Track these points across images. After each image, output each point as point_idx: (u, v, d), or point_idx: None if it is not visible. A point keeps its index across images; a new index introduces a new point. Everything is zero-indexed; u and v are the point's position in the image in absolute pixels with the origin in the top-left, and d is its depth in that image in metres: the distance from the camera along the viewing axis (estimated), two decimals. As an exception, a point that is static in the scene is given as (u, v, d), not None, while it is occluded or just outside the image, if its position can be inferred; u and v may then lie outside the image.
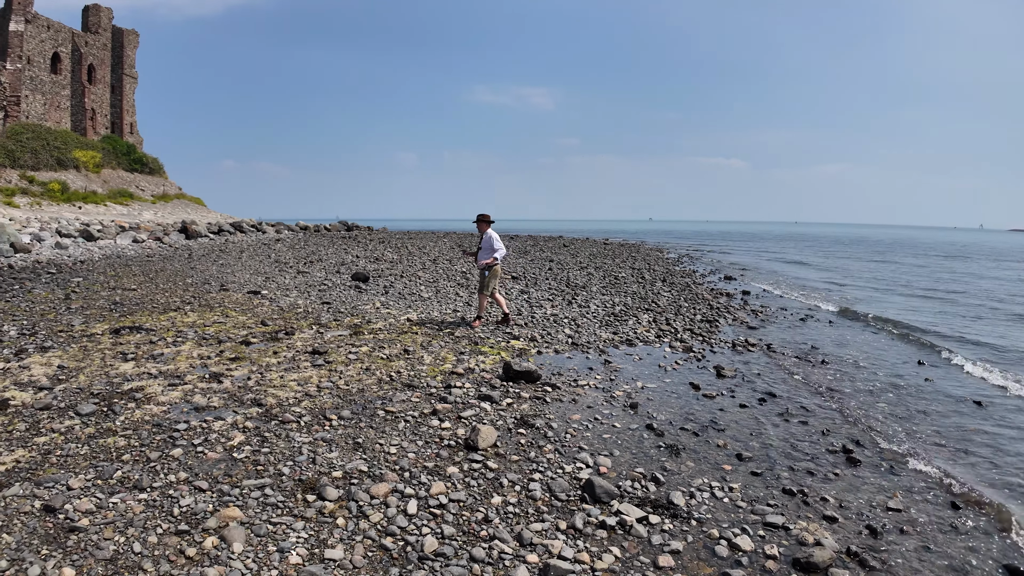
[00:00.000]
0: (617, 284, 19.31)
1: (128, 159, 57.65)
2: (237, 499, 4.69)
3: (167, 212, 51.34)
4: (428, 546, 4.11)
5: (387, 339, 10.22)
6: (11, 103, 48.20)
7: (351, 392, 7.37)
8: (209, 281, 17.97)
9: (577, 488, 5.04)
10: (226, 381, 7.70)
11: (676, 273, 24.02)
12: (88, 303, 13.39)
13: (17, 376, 7.72)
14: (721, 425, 6.80)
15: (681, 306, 15.00)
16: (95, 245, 27.94)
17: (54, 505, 4.45)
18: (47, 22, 52.69)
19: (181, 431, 5.96)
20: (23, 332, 10.20)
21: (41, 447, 5.56)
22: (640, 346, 10.60)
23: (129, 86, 61.85)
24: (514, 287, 17.75)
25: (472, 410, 6.76)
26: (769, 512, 4.80)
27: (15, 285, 15.93)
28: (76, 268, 20.46)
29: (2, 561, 3.79)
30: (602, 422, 6.67)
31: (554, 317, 12.82)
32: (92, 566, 3.81)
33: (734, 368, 9.26)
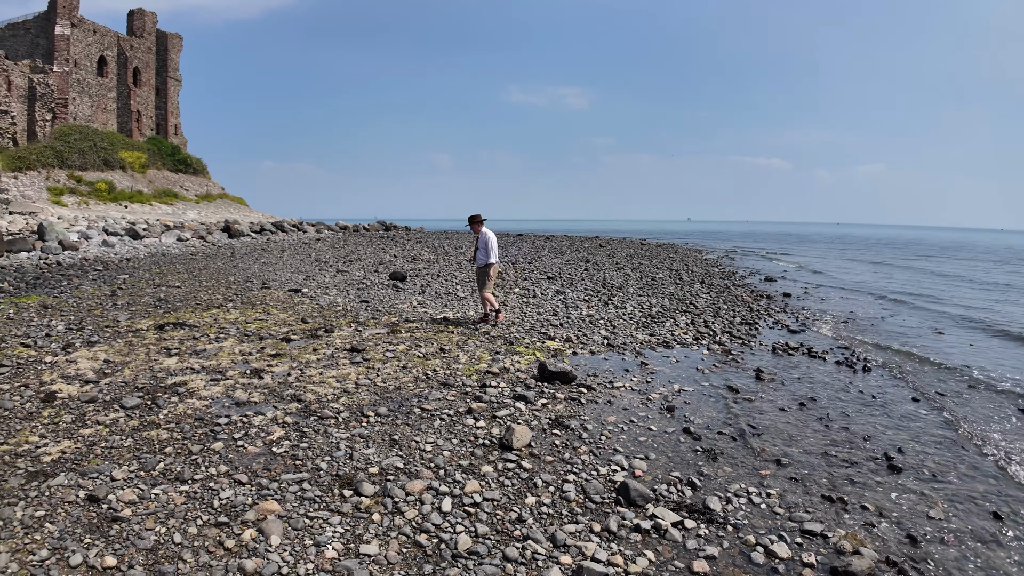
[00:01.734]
0: (654, 285, 19.16)
1: (173, 160, 59.06)
2: (275, 493, 4.78)
3: (210, 211, 52.45)
4: (462, 544, 4.14)
5: (423, 338, 10.31)
6: (59, 105, 49.73)
7: (388, 389, 7.45)
8: (251, 279, 18.32)
9: (612, 491, 5.02)
10: (267, 377, 7.85)
11: (715, 274, 23.73)
12: (134, 299, 13.76)
13: (64, 369, 7.97)
14: (759, 429, 6.71)
15: (720, 308, 14.82)
16: (141, 243, 28.68)
17: (98, 495, 4.59)
18: (93, 26, 54.26)
19: (222, 425, 6.10)
20: (71, 327, 10.53)
21: (86, 439, 5.74)
22: (677, 348, 10.51)
23: (173, 88, 63.35)
24: (549, 287, 17.73)
25: (507, 410, 6.78)
26: (807, 519, 4.72)
27: (63, 281, 16.47)
28: (122, 265, 21.04)
29: (44, 550, 3.92)
30: (638, 425, 6.64)
31: (590, 318, 12.78)
32: (133, 555, 3.93)
33: (774, 372, 9.12)
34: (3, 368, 7.92)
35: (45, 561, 3.82)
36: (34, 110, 47.00)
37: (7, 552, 3.87)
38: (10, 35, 52.86)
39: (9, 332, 10.00)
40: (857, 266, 35.38)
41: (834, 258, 43.17)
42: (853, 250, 55.49)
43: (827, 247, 61.35)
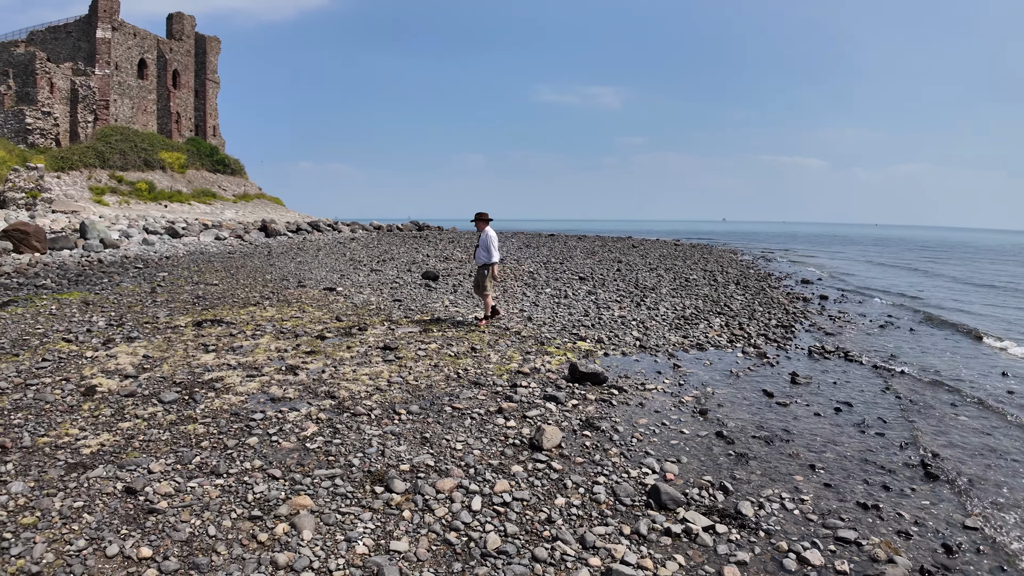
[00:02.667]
0: (688, 286, 18.98)
1: (211, 160, 60.20)
2: (308, 488, 4.84)
3: (248, 211, 53.32)
4: (491, 543, 4.14)
5: (455, 337, 10.35)
6: (100, 107, 51.04)
7: (420, 388, 7.50)
8: (287, 278, 18.57)
9: (642, 493, 4.99)
10: (301, 374, 7.95)
11: (750, 276, 23.42)
12: (172, 297, 14.04)
13: (104, 364, 8.17)
14: (794, 434, 6.61)
15: (755, 310, 14.63)
16: (180, 242, 29.26)
17: (135, 487, 4.69)
18: (133, 30, 55.58)
19: (257, 420, 6.20)
20: (111, 323, 10.79)
21: (125, 432, 5.87)
22: (711, 351, 10.39)
23: (211, 90, 64.57)
24: (581, 288, 17.68)
25: (537, 410, 6.77)
26: (841, 526, 4.64)
27: (104, 279, 16.88)
28: (162, 263, 21.49)
29: (81, 540, 4.02)
30: (670, 427, 6.58)
31: (622, 319, 12.71)
32: (168, 547, 4.00)
33: (809, 375, 8.98)
34: (45, 362, 8.14)
35: (82, 551, 3.92)
36: (76, 111, 48.30)
37: (44, 542, 3.98)
38: (52, 38, 54.39)
39: (51, 327, 10.28)
40: (895, 270, 34.63)
41: (872, 261, 42.32)
42: (892, 252, 54.34)
43: (865, 249, 60.15)
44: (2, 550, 3.88)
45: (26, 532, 4.09)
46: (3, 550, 3.88)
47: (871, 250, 58.72)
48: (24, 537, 4.02)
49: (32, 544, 3.95)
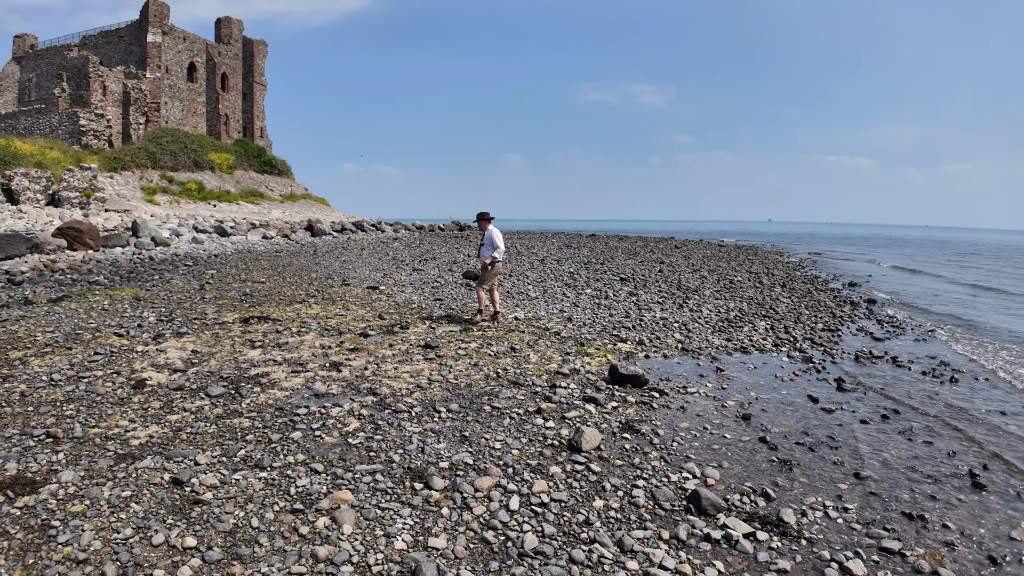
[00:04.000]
0: (732, 288, 18.69)
1: (258, 161, 61.46)
2: (349, 483, 4.90)
3: (294, 211, 54.27)
4: (528, 543, 4.13)
5: (494, 336, 10.37)
6: (152, 109, 52.55)
7: (459, 386, 7.53)
8: (332, 276, 18.85)
9: (682, 498, 4.92)
10: (345, 370, 8.05)
11: (796, 278, 22.94)
12: (221, 294, 14.36)
13: (154, 358, 8.39)
14: (839, 441, 6.45)
15: (801, 313, 14.33)
16: (228, 240, 29.92)
17: (182, 478, 4.81)
18: (183, 34, 57.09)
19: (301, 415, 6.30)
20: (161, 318, 11.08)
21: (173, 424, 6.02)
22: (755, 354, 10.22)
23: (259, 93, 65.92)
24: (622, 289, 17.55)
25: (576, 411, 6.74)
26: (885, 536, 4.51)
27: (155, 275, 17.36)
28: (210, 261, 22.00)
29: (128, 528, 4.13)
30: (712, 432, 6.48)
31: (663, 321, 12.58)
32: (212, 537, 4.09)
33: (856, 381, 8.75)
34: (97, 356, 8.39)
35: (129, 539, 4.03)
36: (128, 114, 49.81)
37: (92, 530, 4.10)
38: (104, 43, 56.21)
39: (103, 322, 10.60)
40: (948, 272, 33.57)
41: (923, 263, 41.11)
42: (944, 255, 52.69)
43: (916, 251, 58.44)
44: (50, 537, 4.01)
45: (75, 520, 4.22)
46: (51, 537, 4.01)
47: (921, 252, 57.02)
48: (72, 525, 4.15)
49: (80, 532, 4.07)
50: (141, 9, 54.60)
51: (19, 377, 7.41)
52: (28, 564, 3.74)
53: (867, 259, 43.44)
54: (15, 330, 9.85)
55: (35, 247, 20.83)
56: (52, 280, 16.18)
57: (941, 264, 41.04)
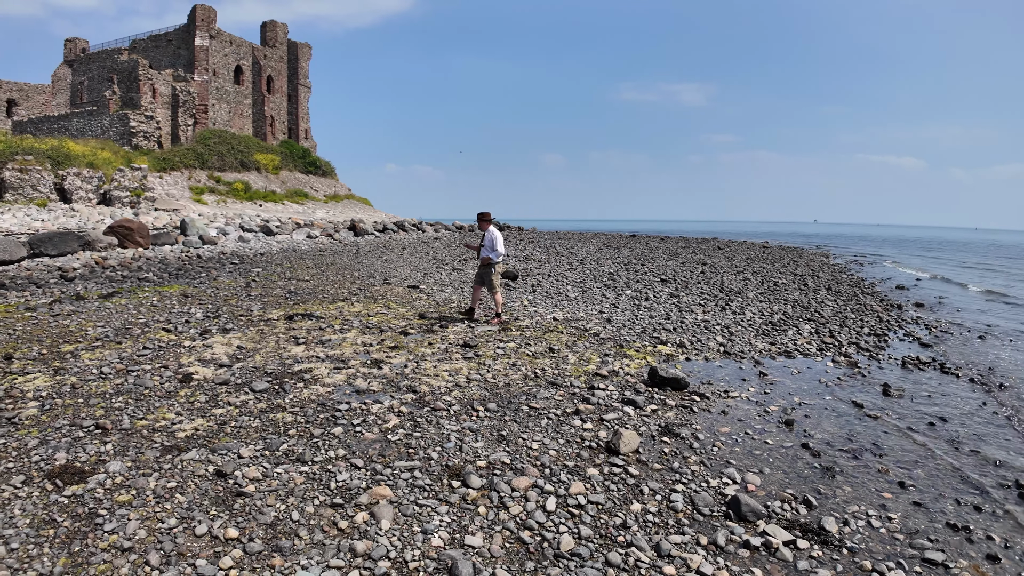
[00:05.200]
0: (776, 291, 18.35)
1: (303, 162, 62.48)
2: (388, 479, 4.95)
3: (338, 211, 55.03)
4: (564, 544, 4.12)
5: (533, 336, 10.36)
6: (200, 111, 53.84)
7: (497, 386, 7.54)
8: (374, 275, 19.06)
9: (722, 504, 4.85)
10: (385, 367, 8.14)
11: (843, 281, 22.42)
12: (266, 291, 14.63)
13: (201, 354, 8.58)
14: (884, 449, 6.28)
15: (847, 317, 14.00)
16: (273, 239, 30.46)
17: (225, 471, 4.91)
18: (229, 38, 58.35)
19: (342, 411, 6.38)
20: (208, 315, 11.33)
21: (218, 418, 6.16)
22: (799, 359, 10.02)
23: (303, 95, 66.98)
24: (663, 290, 17.38)
25: (615, 413, 6.69)
26: (928, 547, 4.37)
27: (202, 273, 17.77)
28: (256, 259, 22.42)
29: (172, 518, 4.23)
30: (753, 437, 6.38)
31: (705, 323, 12.41)
32: (254, 529, 4.17)
33: (902, 388, 8.52)
34: (146, 350, 8.61)
35: (173, 529, 4.13)
36: (177, 116, 51.10)
37: (138, 519, 4.20)
38: (153, 46, 57.77)
39: (152, 318, 10.88)
40: (998, 275, 32.49)
41: (972, 266, 39.85)
42: (994, 258, 51.00)
43: (965, 254, 56.65)
44: (96, 526, 4.13)
45: (121, 509, 4.34)
46: (97, 526, 4.12)
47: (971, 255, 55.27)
48: (119, 514, 4.27)
49: (126, 521, 4.18)
50: (189, 13, 56.03)
51: (70, 370, 7.66)
52: (74, 551, 3.86)
53: (915, 261, 42.29)
54: (67, 324, 10.17)
55: (87, 244, 21.48)
56: (103, 276, 16.67)
57: (994, 268, 39.71)
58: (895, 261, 42.16)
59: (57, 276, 16.40)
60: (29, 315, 10.89)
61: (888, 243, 77.82)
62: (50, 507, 4.35)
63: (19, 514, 4.25)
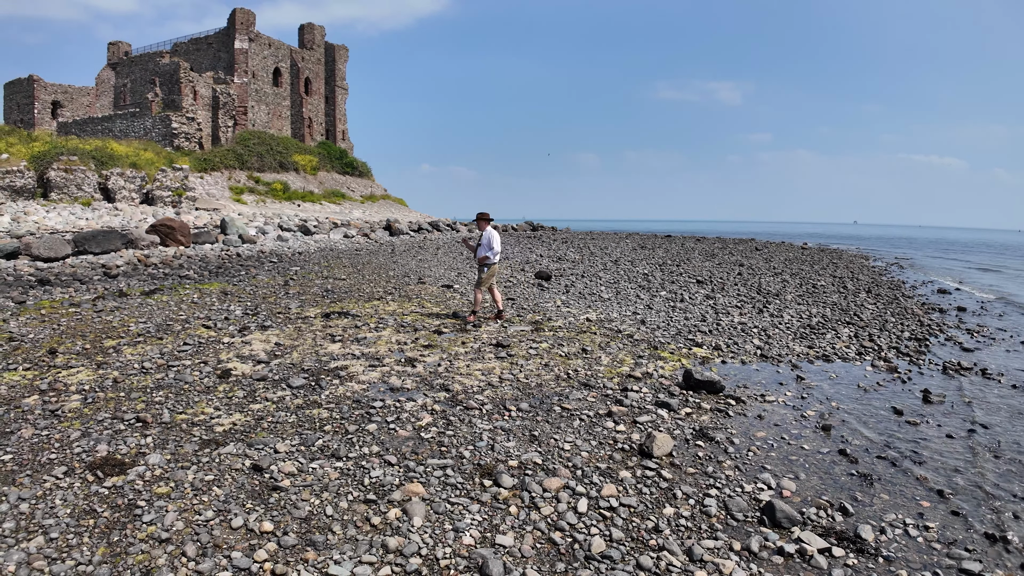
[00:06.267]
0: (815, 293, 18.04)
1: (340, 163, 63.21)
2: (421, 476, 4.98)
3: (374, 211, 55.57)
4: (595, 546, 4.10)
5: (566, 337, 10.34)
6: (239, 113, 54.81)
7: (530, 386, 7.54)
8: (408, 274, 19.20)
9: (756, 509, 4.79)
10: (419, 366, 8.20)
11: (883, 284, 21.94)
12: (303, 289, 14.84)
13: (240, 350, 8.73)
14: (923, 456, 6.14)
15: (887, 321, 13.71)
16: (311, 239, 30.87)
17: (262, 465, 4.99)
18: (268, 40, 59.30)
19: (377, 408, 6.45)
20: (247, 312, 11.53)
21: (255, 413, 6.26)
22: (838, 363, 9.83)
23: (341, 97, 67.73)
24: (698, 292, 17.20)
25: (648, 416, 6.65)
26: (966, 558, 4.26)
27: (242, 271, 18.09)
28: (294, 258, 22.75)
29: (209, 511, 4.31)
30: (789, 442, 6.28)
31: (742, 325, 12.26)
32: (288, 523, 4.23)
33: (943, 394, 8.31)
34: (186, 346, 8.80)
35: (210, 521, 4.21)
36: (217, 117, 52.09)
37: (176, 511, 4.30)
38: (194, 49, 58.97)
39: (193, 315, 11.10)
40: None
41: (1017, 269, 38.67)
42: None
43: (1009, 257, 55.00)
44: (135, 517, 4.23)
45: (159, 501, 4.44)
46: (136, 517, 4.22)
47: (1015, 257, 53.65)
48: (157, 505, 4.37)
49: (164, 512, 4.28)
50: (228, 17, 57.05)
51: (113, 364, 7.86)
52: (113, 541, 3.96)
53: (958, 264, 41.20)
54: (110, 320, 10.43)
55: (130, 243, 22.00)
56: (145, 274, 17.07)
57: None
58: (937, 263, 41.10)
59: (101, 273, 16.84)
60: (73, 311, 11.19)
61: (930, 245, 75.96)
62: (90, 498, 4.47)
63: (60, 504, 4.37)
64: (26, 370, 7.59)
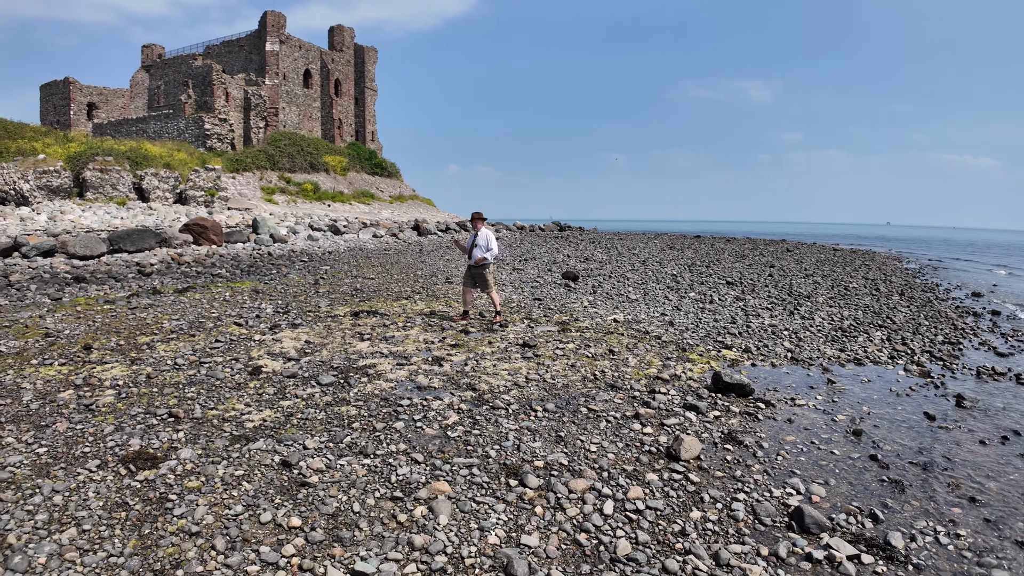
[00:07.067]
0: (847, 295, 17.75)
1: (370, 163, 63.71)
2: (447, 474, 5.01)
3: (402, 211, 55.90)
4: (621, 549, 4.08)
5: (593, 338, 10.31)
6: (271, 114, 55.51)
7: (556, 386, 7.54)
8: (436, 274, 19.29)
9: (784, 514, 4.73)
10: (446, 365, 8.24)
11: (916, 286, 21.53)
12: (333, 288, 14.99)
13: (270, 347, 8.85)
14: (955, 462, 6.01)
15: (920, 324, 13.44)
16: (341, 238, 31.18)
17: (291, 461, 5.06)
18: (299, 42, 59.97)
19: (404, 406, 6.51)
20: (278, 310, 11.68)
21: (285, 410, 6.34)
22: (870, 366, 9.67)
23: (370, 98, 68.24)
24: (728, 293, 17.03)
25: (676, 418, 6.60)
26: (995, 566, 4.16)
27: (273, 270, 18.32)
28: (324, 258, 22.98)
29: (239, 505, 4.37)
30: (819, 447, 6.19)
31: (772, 328, 12.11)
32: (316, 519, 4.28)
33: (976, 399, 8.13)
34: (218, 343, 8.93)
35: (239, 516, 4.28)
36: (249, 118, 52.81)
37: (206, 505, 4.37)
38: (226, 52, 59.84)
39: (225, 312, 11.27)
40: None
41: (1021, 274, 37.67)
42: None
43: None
44: (166, 510, 4.30)
45: (190, 495, 4.52)
46: (167, 510, 4.30)
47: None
48: (188, 499, 4.45)
49: (195, 506, 4.35)
50: (260, 19, 57.79)
51: (146, 360, 8.01)
52: (144, 534, 4.04)
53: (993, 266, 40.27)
54: (144, 317, 10.63)
55: (163, 241, 22.40)
56: (178, 272, 17.36)
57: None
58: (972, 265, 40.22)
59: (135, 271, 17.17)
60: (108, 308, 11.43)
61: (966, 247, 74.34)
62: (123, 491, 4.57)
63: (93, 496, 4.47)
64: (62, 365, 7.77)
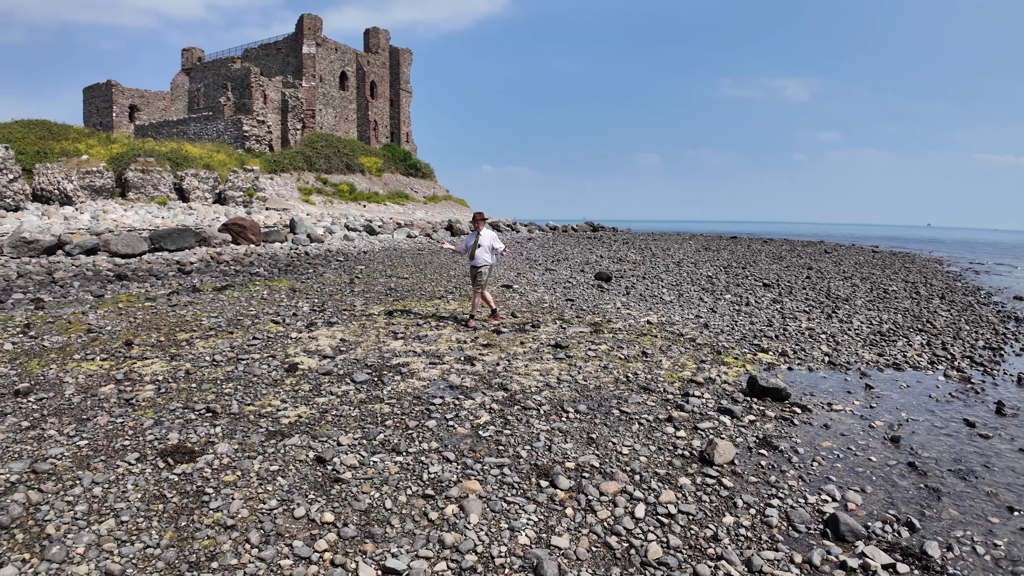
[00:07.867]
0: (886, 299, 17.39)
1: (404, 164, 64.22)
2: (478, 474, 5.04)
3: (436, 211, 56.24)
4: (652, 553, 4.06)
5: (626, 340, 10.26)
6: (307, 116, 56.24)
7: (588, 388, 7.52)
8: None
9: (819, 522, 4.66)
10: (478, 364, 8.28)
11: (957, 290, 20.98)
12: (368, 288, 15.15)
13: (307, 345, 8.98)
14: (995, 471, 5.85)
15: (961, 329, 13.11)
16: (376, 239, 31.48)
17: (325, 457, 5.14)
18: (335, 45, 60.69)
19: (436, 405, 6.56)
20: (314, 309, 11.84)
21: (320, 406, 6.44)
22: (909, 371, 9.47)
23: (405, 100, 68.75)
24: (765, 295, 16.80)
25: (710, 422, 6.54)
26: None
27: (310, 269, 18.57)
28: (360, 257, 23.22)
29: (273, 500, 4.45)
30: (856, 453, 6.08)
31: (809, 331, 11.92)
32: (348, 515, 4.34)
33: (1017, 406, 7.90)
34: (256, 340, 9.09)
35: (273, 510, 4.35)
36: (286, 120, 53.57)
37: (241, 499, 4.45)
38: (264, 55, 60.85)
39: (262, 310, 11.46)
40: None
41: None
42: None
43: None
44: (202, 503, 4.40)
45: (226, 489, 4.62)
46: (203, 503, 4.39)
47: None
48: (224, 493, 4.55)
49: (230, 500, 4.44)
50: (296, 23, 58.65)
51: (185, 356, 8.18)
52: (180, 526, 4.13)
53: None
54: (183, 314, 10.86)
55: (203, 240, 22.84)
56: (217, 271, 17.69)
57: None
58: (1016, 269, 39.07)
59: (175, 269, 17.54)
60: (149, 305, 11.70)
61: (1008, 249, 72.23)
62: (160, 484, 4.68)
63: (131, 489, 4.59)
64: (103, 360, 7.98)
